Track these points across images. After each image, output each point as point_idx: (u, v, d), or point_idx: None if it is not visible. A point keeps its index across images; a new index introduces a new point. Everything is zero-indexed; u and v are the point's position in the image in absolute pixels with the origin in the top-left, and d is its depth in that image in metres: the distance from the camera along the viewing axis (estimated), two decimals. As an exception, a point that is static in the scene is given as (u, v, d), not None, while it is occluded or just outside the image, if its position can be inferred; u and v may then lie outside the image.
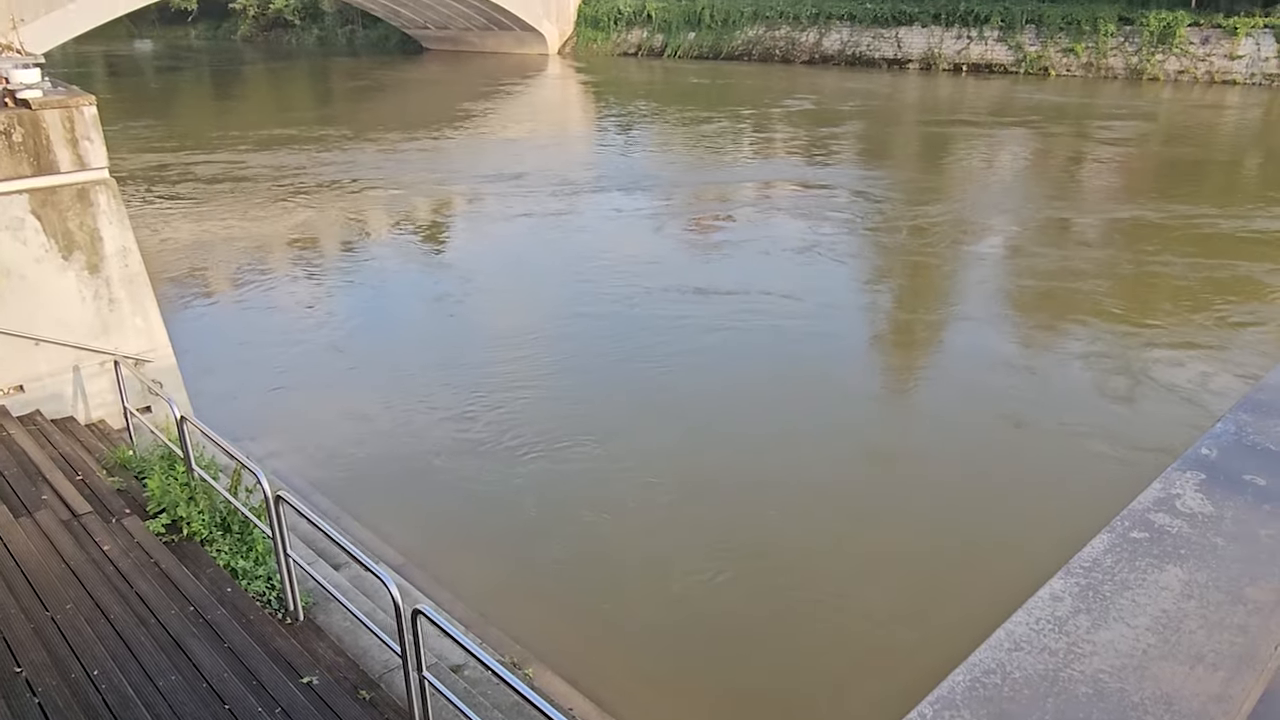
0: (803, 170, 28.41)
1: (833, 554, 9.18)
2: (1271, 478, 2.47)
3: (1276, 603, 2.02)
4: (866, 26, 55.78)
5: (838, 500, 10.15)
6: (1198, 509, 2.35)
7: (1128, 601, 2.02)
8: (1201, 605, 2.02)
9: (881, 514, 9.90)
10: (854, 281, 18.73)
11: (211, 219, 22.56)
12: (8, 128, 8.95)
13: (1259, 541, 2.22)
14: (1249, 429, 2.73)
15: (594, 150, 33.31)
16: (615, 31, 63.99)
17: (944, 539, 9.32)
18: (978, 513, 9.88)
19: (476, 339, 15.23)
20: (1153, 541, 2.23)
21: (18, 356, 9.46)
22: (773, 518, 9.70)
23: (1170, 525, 2.29)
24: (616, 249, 20.09)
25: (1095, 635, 1.92)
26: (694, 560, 8.92)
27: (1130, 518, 2.33)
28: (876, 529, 9.60)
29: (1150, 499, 2.41)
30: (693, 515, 9.80)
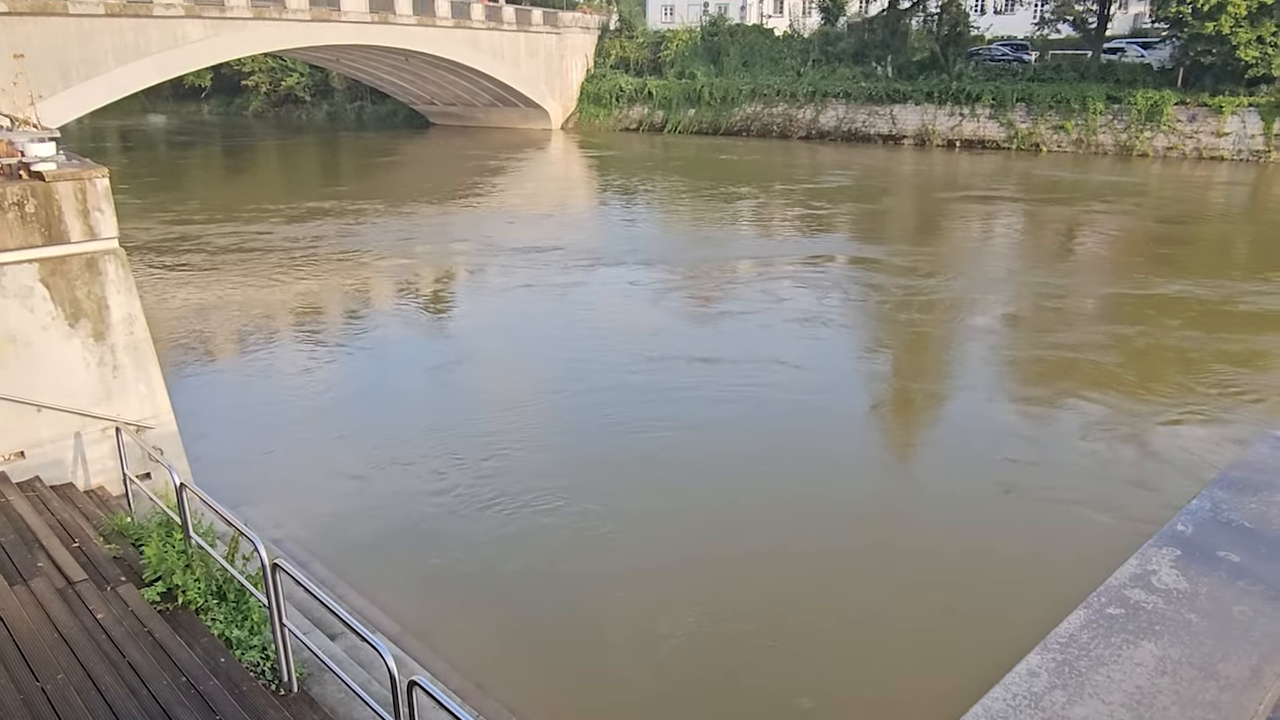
0: (803, 242, 28.87)
1: (821, 625, 9.12)
2: (1245, 554, 2.53)
3: (1249, 679, 2.07)
4: (862, 104, 57.24)
5: (827, 569, 10.12)
6: (1173, 585, 2.41)
7: (1103, 678, 2.07)
8: (1175, 681, 2.06)
9: (869, 583, 9.87)
10: (854, 352, 18.90)
11: (217, 287, 22.86)
12: (21, 199, 9.18)
13: (1232, 618, 2.27)
14: (1224, 505, 2.80)
15: (596, 223, 33.88)
16: (617, 108, 65.61)
17: (928, 610, 9.29)
18: (963, 583, 9.86)
19: (474, 408, 15.31)
20: (1128, 617, 2.28)
21: (20, 422, 9.52)
22: (764, 587, 9.67)
23: (1146, 601, 2.35)
24: (617, 320, 20.34)
25: (1070, 712, 1.97)
26: (687, 630, 8.86)
27: (1107, 594, 2.39)
28: (864, 599, 9.56)
29: (1127, 575, 2.47)
30: (686, 583, 9.75)
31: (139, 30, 37.53)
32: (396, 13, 51.95)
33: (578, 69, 67.72)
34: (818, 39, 64.33)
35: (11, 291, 9.18)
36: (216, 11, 41.08)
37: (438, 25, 54.44)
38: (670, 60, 66.28)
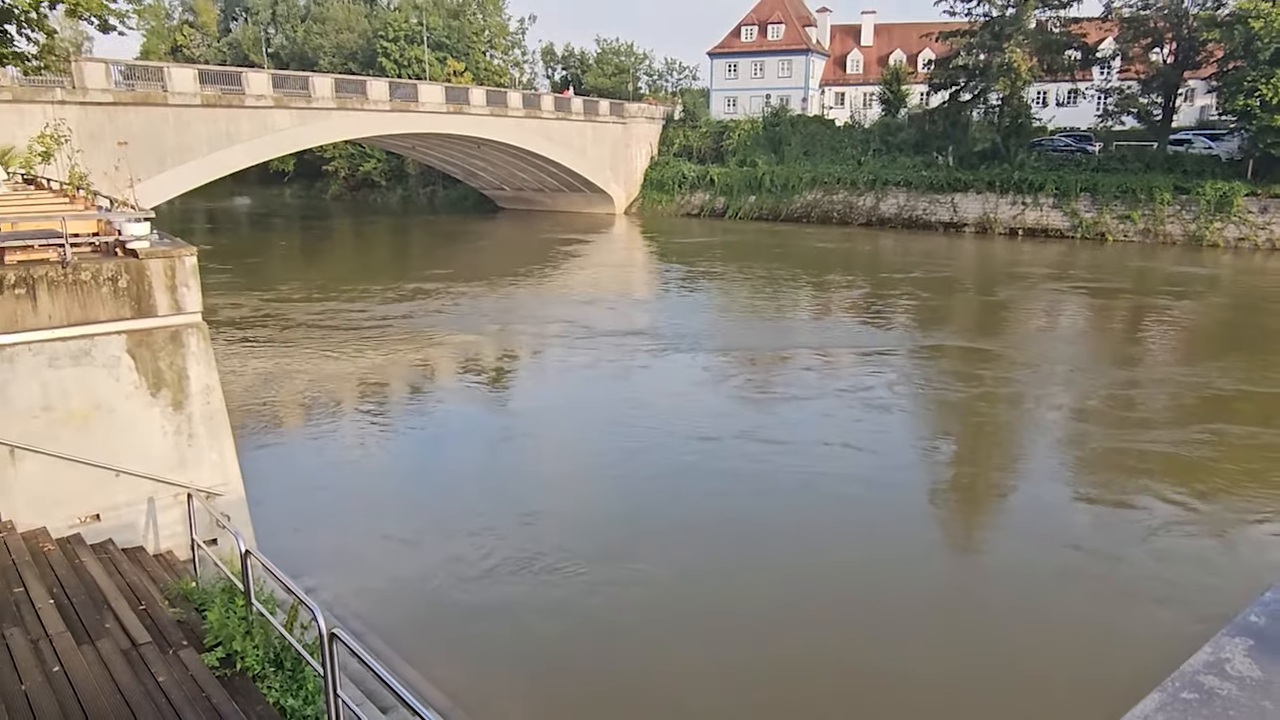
0: (864, 329, 28.76)
1: (881, 707, 8.80)
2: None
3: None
4: (922, 192, 57.55)
5: (889, 657, 9.78)
6: (1247, 673, 2.35)
7: (1175, 765, 2.00)
8: (1249, 771, 1.99)
9: (931, 672, 9.50)
10: (916, 439, 18.59)
11: (288, 359, 23.65)
12: (115, 274, 9.74)
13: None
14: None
15: (657, 306, 34.30)
16: (679, 193, 67.06)
17: (993, 693, 8.90)
18: (1032, 668, 9.44)
19: (531, 486, 15.41)
20: (1202, 703, 2.22)
21: (98, 487, 9.89)
22: (823, 677, 9.39)
23: (1220, 688, 2.29)
24: (675, 402, 20.37)
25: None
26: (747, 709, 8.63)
27: (1181, 679, 2.33)
28: (926, 685, 9.19)
29: (1200, 662, 2.41)
30: (743, 661, 9.52)
31: (231, 119, 39.93)
32: (470, 103, 54.41)
33: (642, 156, 69.68)
34: (878, 129, 65.32)
35: (101, 361, 9.67)
36: (303, 102, 43.54)
37: (509, 115, 56.78)
38: (732, 149, 67.82)
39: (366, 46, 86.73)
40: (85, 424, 9.60)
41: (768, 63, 77.59)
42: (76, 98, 33.00)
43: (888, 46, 76.63)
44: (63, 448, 9.44)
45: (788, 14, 78.07)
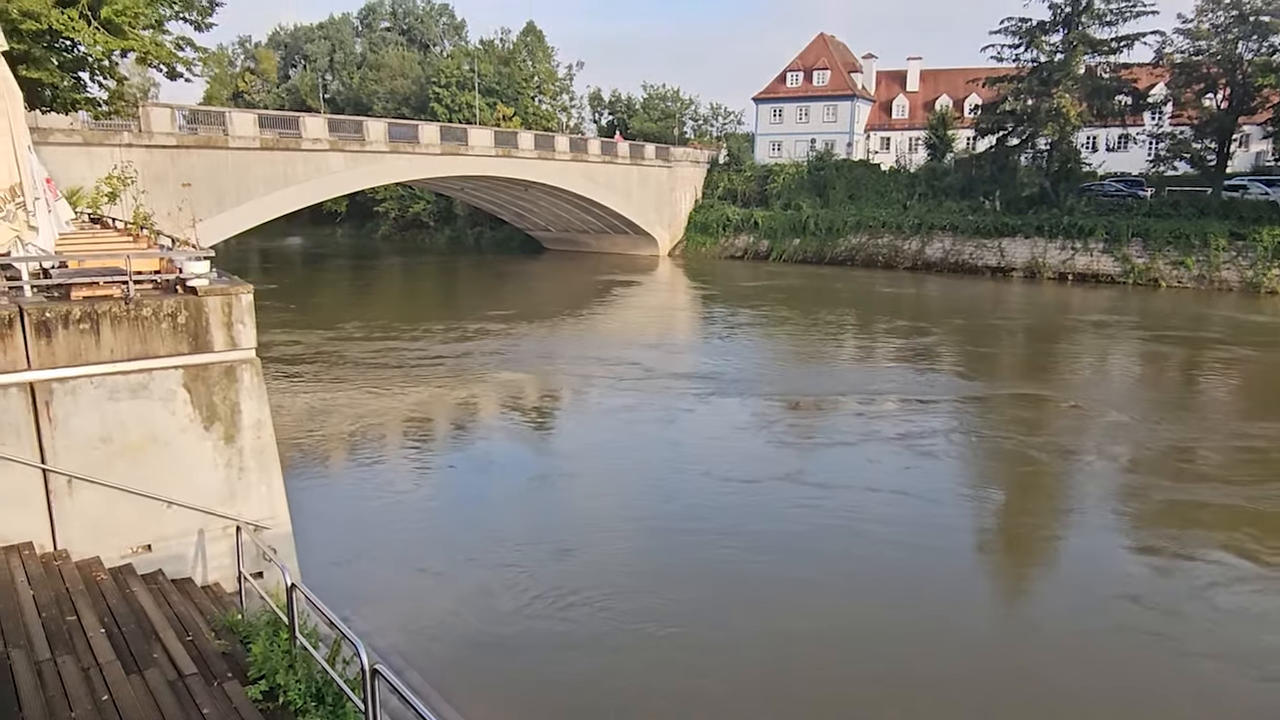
0: (910, 374, 28.41)
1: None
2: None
3: None
4: (969, 237, 57.11)
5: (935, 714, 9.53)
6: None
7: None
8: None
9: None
10: (964, 487, 18.23)
11: (335, 393, 24.04)
12: (175, 310, 10.03)
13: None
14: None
15: (699, 348, 34.30)
16: (723, 236, 67.37)
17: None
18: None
19: (573, 525, 15.40)
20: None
21: (150, 518, 10.09)
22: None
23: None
24: (717, 445, 20.29)
25: None
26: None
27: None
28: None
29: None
30: (782, 709, 9.34)
31: (288, 162, 41.17)
32: (519, 147, 55.48)
33: (686, 199, 70.28)
34: (924, 174, 65.19)
35: (158, 395, 9.93)
36: (357, 145, 44.78)
37: (556, 158, 57.75)
38: (777, 192, 68.11)
39: (419, 92, 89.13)
40: (141, 456, 9.83)
41: (813, 108, 78.08)
42: (143, 141, 34.30)
43: (933, 92, 76.71)
44: (118, 479, 9.67)
45: (833, 60, 78.67)
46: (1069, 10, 54.75)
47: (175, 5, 17.91)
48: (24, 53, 14.21)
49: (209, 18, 18.70)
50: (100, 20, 15.06)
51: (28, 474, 9.18)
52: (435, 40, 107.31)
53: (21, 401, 9.03)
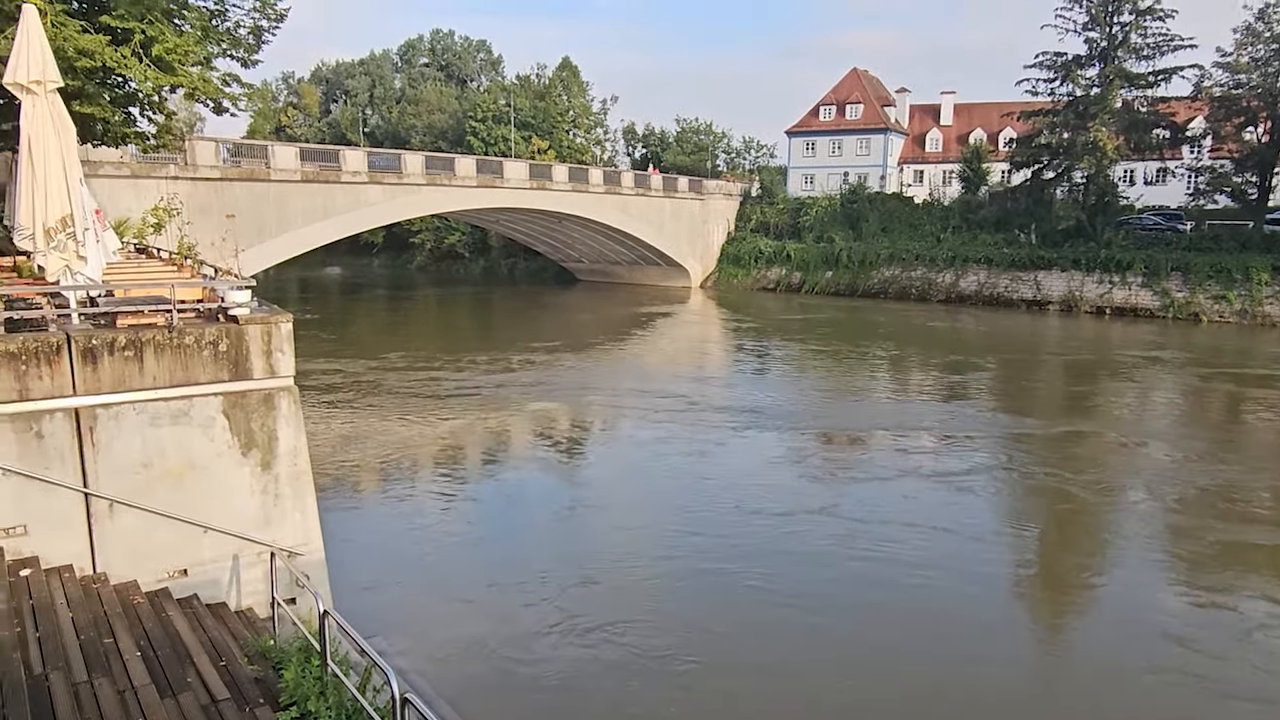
0: (946, 409, 28.11)
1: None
2: None
3: None
4: (1004, 270, 56.65)
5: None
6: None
7: None
8: None
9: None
10: (1005, 523, 17.94)
11: (370, 421, 24.28)
12: (216, 339, 10.24)
13: None
14: None
15: (732, 380, 34.21)
16: (755, 268, 67.42)
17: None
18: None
19: (603, 554, 15.37)
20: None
21: (187, 543, 10.23)
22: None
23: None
24: (750, 479, 20.15)
25: None
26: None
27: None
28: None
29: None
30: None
31: (327, 194, 41.99)
32: (553, 180, 56.13)
33: (719, 232, 70.54)
34: (958, 206, 64.93)
35: (198, 421, 10.11)
36: (395, 178, 45.58)
37: (590, 191, 58.32)
38: (809, 225, 68.16)
39: (456, 126, 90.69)
40: (179, 481, 10.00)
41: (846, 141, 78.27)
42: (188, 174, 35.21)
43: (967, 125, 76.60)
44: (157, 503, 9.83)
45: (866, 94, 78.92)
46: (1105, 45, 54.56)
47: (224, 43, 18.41)
48: (78, 89, 14.68)
49: (255, 55, 19.20)
50: (152, 58, 15.52)
51: (71, 497, 9.37)
52: (473, 75, 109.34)
53: (67, 426, 9.24)
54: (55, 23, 13.73)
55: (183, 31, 16.60)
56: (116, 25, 15.17)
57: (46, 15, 12.64)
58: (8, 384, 8.88)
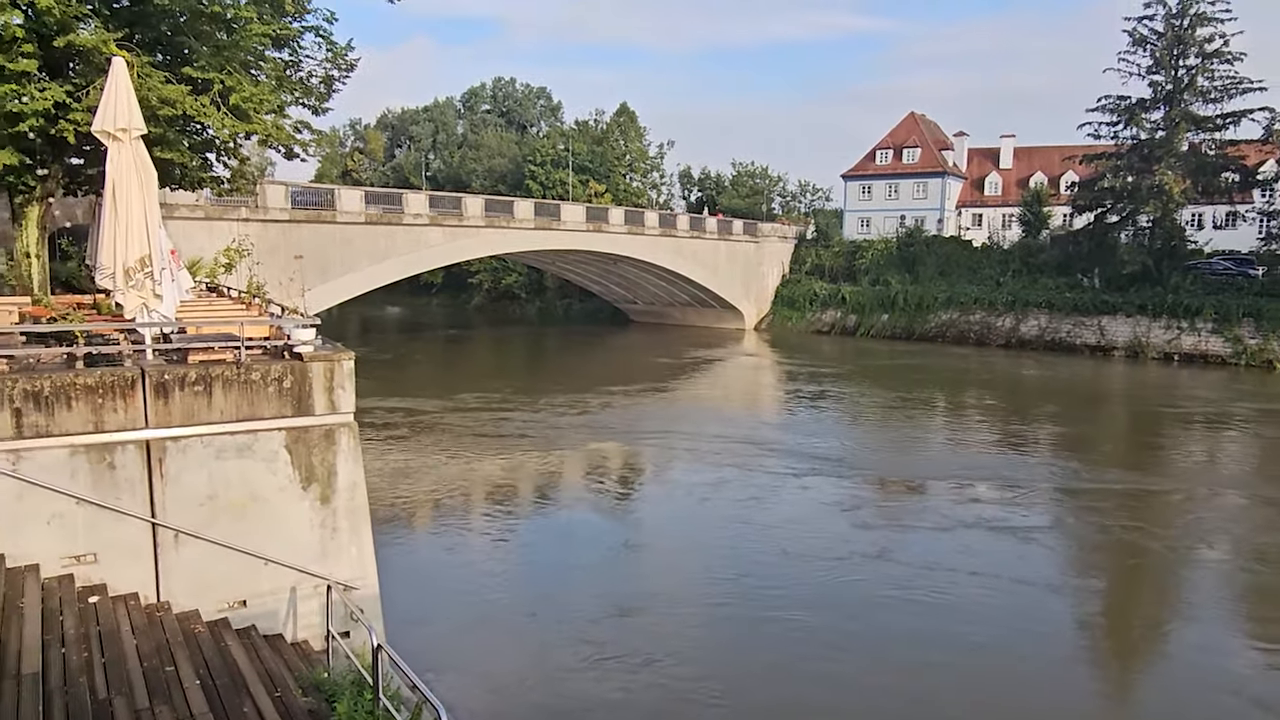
0: (1005, 457, 27.46)
1: None
2: None
3: None
4: (1067, 314, 55.52)
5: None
6: None
7: None
8: None
9: None
10: (1068, 575, 17.37)
11: (425, 457, 24.62)
12: (281, 375, 10.55)
13: None
14: None
15: (786, 424, 33.95)
16: (810, 311, 67.12)
17: None
18: None
19: (651, 595, 15.30)
20: None
21: (247, 574, 10.46)
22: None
23: None
24: (801, 525, 19.86)
25: None
26: None
27: None
28: None
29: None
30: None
31: (389, 235, 43.13)
32: (609, 222, 56.85)
33: (773, 274, 70.53)
34: (1019, 250, 63.99)
35: (261, 455, 10.39)
36: (455, 220, 46.64)
37: (645, 233, 58.89)
38: (865, 268, 67.78)
39: (515, 170, 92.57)
40: (242, 513, 10.26)
41: (902, 185, 77.91)
42: (258, 216, 36.52)
43: (1028, 169, 75.71)
44: (220, 535, 10.09)
45: (924, 138, 78.64)
46: (1170, 88, 53.71)
47: (296, 92, 19.16)
48: (160, 136, 15.40)
49: (326, 103, 19.94)
50: (229, 106, 16.23)
51: (139, 527, 9.68)
52: (532, 121, 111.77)
53: (138, 458, 9.58)
54: (141, 74, 14.47)
55: (259, 81, 17.34)
56: (197, 76, 15.92)
57: (134, 67, 13.34)
58: (84, 416, 9.27)
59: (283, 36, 18.02)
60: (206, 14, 15.98)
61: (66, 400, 9.17)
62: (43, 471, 9.08)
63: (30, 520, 9.10)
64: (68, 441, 9.21)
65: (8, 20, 13.94)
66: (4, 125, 14.70)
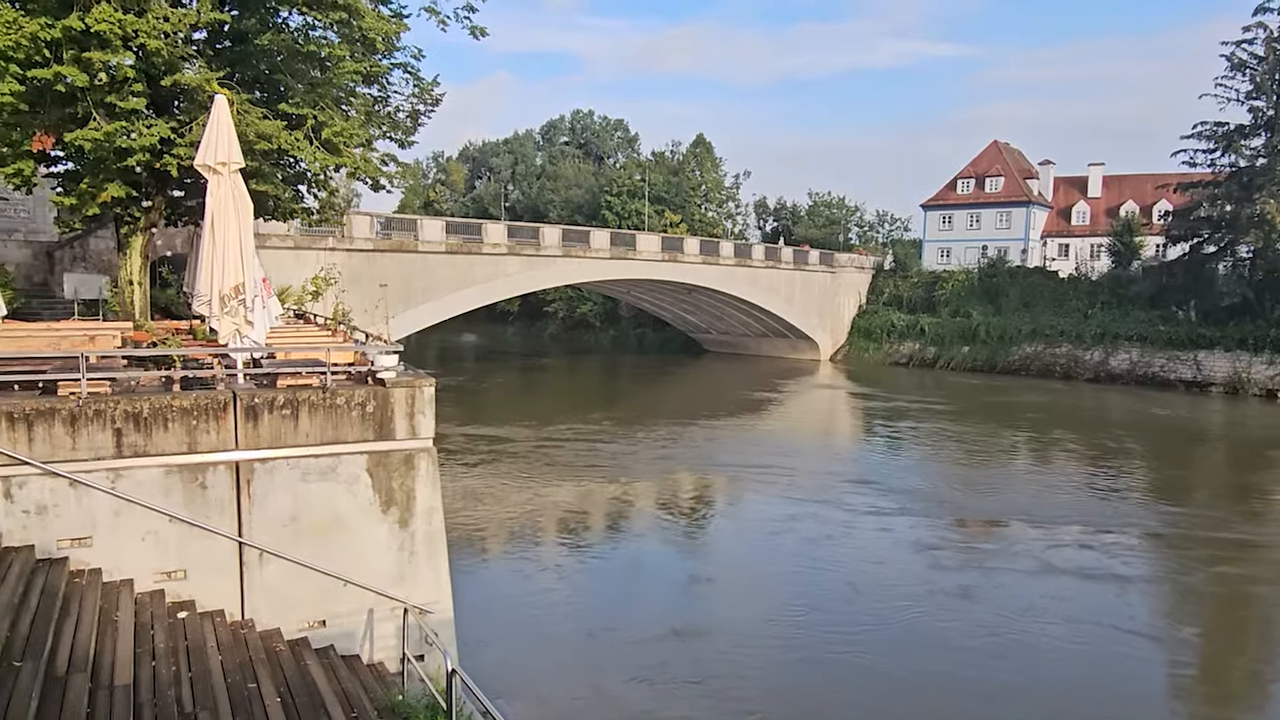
0: (1097, 497, 26.29)
1: None
2: None
3: None
4: (1159, 348, 53.32)
5: None
6: None
7: None
8: None
9: None
10: (1162, 628, 16.51)
11: (496, 481, 24.89)
12: (365, 400, 10.81)
13: None
14: None
15: (862, 458, 33.29)
16: (888, 342, 65.99)
17: None
18: None
19: (720, 626, 15.14)
20: None
21: (327, 595, 10.68)
22: None
23: None
24: (876, 566, 19.29)
25: None
26: None
27: None
28: None
29: None
30: None
31: (469, 264, 44.08)
32: (684, 252, 57.03)
33: (850, 305, 69.65)
34: (1108, 281, 61.81)
35: (343, 478, 10.64)
36: (533, 250, 47.43)
37: (720, 263, 58.89)
38: (945, 299, 66.39)
39: (592, 200, 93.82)
40: (323, 535, 10.50)
41: (984, 214, 76.33)
42: (344, 245, 37.76)
43: (1118, 198, 73.37)
44: (302, 555, 10.34)
45: (1007, 167, 77.01)
46: (1272, 114, 51.50)
47: (384, 126, 19.87)
48: (255, 169, 16.12)
49: (411, 136, 20.60)
50: (321, 140, 16.91)
51: (227, 546, 9.98)
52: (609, 152, 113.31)
53: (228, 479, 9.91)
54: (240, 110, 15.18)
55: (349, 116, 18.03)
56: (292, 112, 16.64)
57: (234, 104, 14.01)
58: (179, 437, 9.64)
59: (373, 73, 18.74)
60: (302, 53, 16.74)
61: (163, 421, 9.56)
62: (139, 489, 9.46)
63: (127, 536, 9.48)
64: (163, 461, 9.59)
65: (120, 61, 14.81)
66: (114, 160, 15.58)
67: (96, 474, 9.28)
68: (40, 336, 12.34)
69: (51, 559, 9.09)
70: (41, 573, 8.71)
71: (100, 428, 9.26)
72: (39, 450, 9.01)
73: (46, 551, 9.10)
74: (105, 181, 16.00)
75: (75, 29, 14.05)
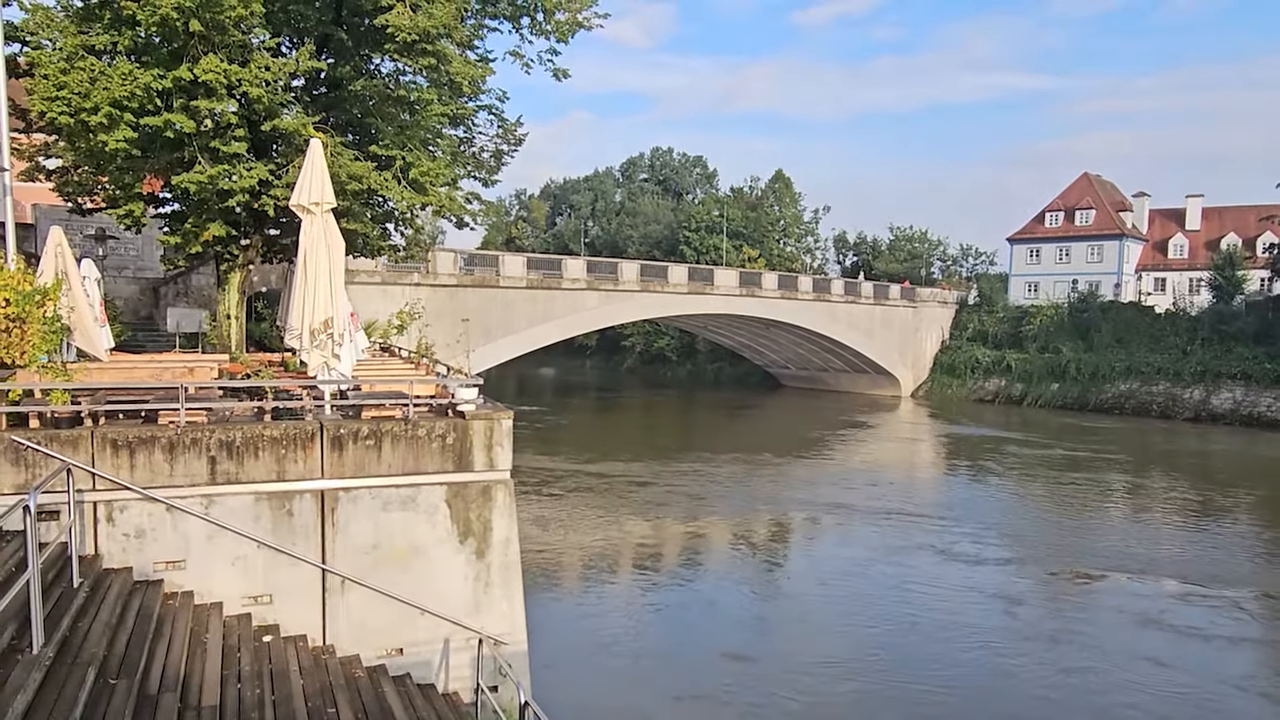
0: (1200, 550, 24.75)
1: None
2: None
3: None
4: (1266, 387, 50.58)
5: None
6: None
7: None
8: None
9: None
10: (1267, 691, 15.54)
11: (571, 513, 24.99)
12: (445, 432, 11.04)
13: None
14: None
15: (945, 499, 32.25)
16: (972, 379, 64.27)
17: None
18: None
19: (788, 664, 14.83)
20: None
21: (404, 623, 10.86)
22: None
23: None
24: (957, 612, 18.59)
25: None
26: None
27: None
28: None
29: None
30: None
31: (549, 299, 44.81)
32: (762, 287, 56.84)
33: (932, 340, 68.17)
34: (1208, 317, 58.98)
35: (422, 508, 10.86)
36: (611, 285, 47.94)
37: (799, 298, 58.46)
38: (1033, 335, 64.38)
39: (670, 236, 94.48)
40: (402, 564, 10.71)
41: (1074, 248, 74.09)
42: (428, 281, 38.86)
43: (1218, 230, 70.35)
44: (382, 583, 10.55)
45: (1098, 199, 74.71)
46: (1386, 139, 48.85)
47: (469, 166, 20.50)
48: (346, 208, 16.78)
49: (495, 175, 21.18)
50: (409, 180, 17.53)
51: (310, 572, 10.27)
52: (688, 188, 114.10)
53: (313, 506, 10.22)
54: (334, 152, 15.87)
55: (436, 157, 18.67)
56: (382, 153, 17.32)
57: (328, 147, 14.66)
58: (269, 466, 10.01)
59: (459, 115, 19.39)
60: (393, 97, 17.44)
61: (254, 450, 9.94)
62: (230, 515, 9.83)
63: (218, 560, 9.84)
64: (253, 489, 9.95)
65: (224, 109, 15.67)
66: (216, 201, 16.44)
67: (191, 500, 9.68)
68: (144, 368, 13.00)
69: (148, 581, 9.49)
70: (139, 594, 9.09)
71: (196, 455, 9.68)
72: (139, 476, 9.46)
73: (144, 574, 9.51)
74: (208, 221, 16.90)
75: (185, 79, 14.95)
